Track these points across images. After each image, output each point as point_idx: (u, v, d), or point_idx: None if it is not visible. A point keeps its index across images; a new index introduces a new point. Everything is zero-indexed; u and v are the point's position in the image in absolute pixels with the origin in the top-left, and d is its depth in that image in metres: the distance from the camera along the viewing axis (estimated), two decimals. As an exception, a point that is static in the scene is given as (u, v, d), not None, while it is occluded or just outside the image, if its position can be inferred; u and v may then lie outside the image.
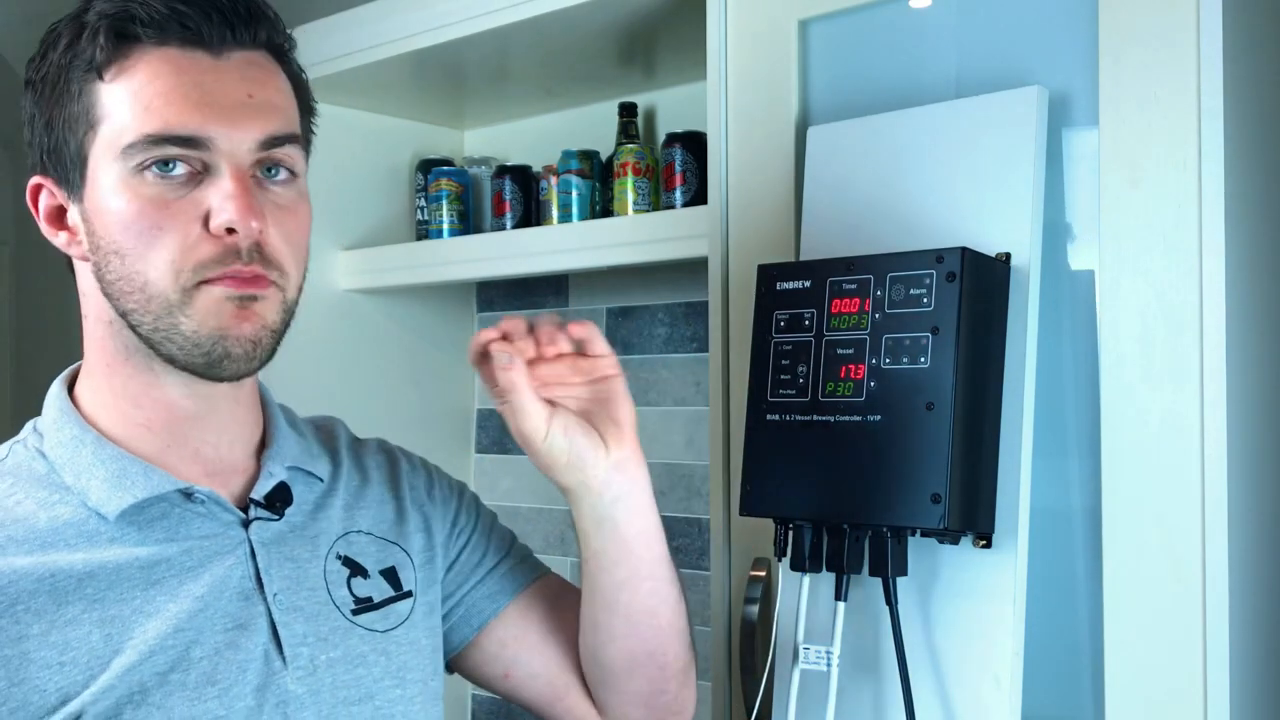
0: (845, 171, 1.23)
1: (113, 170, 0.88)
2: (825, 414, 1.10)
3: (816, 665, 1.13)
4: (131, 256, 0.88)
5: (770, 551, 1.18)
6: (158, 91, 0.87)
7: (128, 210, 0.87)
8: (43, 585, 0.86)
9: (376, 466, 1.10)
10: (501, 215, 2.07)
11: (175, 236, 0.87)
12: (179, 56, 0.88)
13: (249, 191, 0.88)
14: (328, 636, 0.96)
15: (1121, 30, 1.09)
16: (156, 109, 0.87)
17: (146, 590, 0.89)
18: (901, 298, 1.08)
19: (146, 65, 0.88)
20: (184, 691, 0.87)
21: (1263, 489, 1.12)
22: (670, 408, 2.04)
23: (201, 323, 0.88)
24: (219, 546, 0.93)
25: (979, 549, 1.10)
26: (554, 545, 2.24)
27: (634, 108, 1.95)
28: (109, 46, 0.88)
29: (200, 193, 0.88)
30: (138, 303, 0.89)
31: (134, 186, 0.87)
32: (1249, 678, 1.08)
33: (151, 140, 0.87)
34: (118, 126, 0.87)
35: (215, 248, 0.88)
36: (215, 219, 0.87)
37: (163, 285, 0.87)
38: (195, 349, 0.89)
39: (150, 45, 0.88)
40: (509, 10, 1.72)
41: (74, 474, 0.91)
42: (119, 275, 0.89)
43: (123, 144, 0.87)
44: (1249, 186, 1.10)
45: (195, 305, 0.88)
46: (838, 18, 1.31)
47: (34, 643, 0.84)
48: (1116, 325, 1.09)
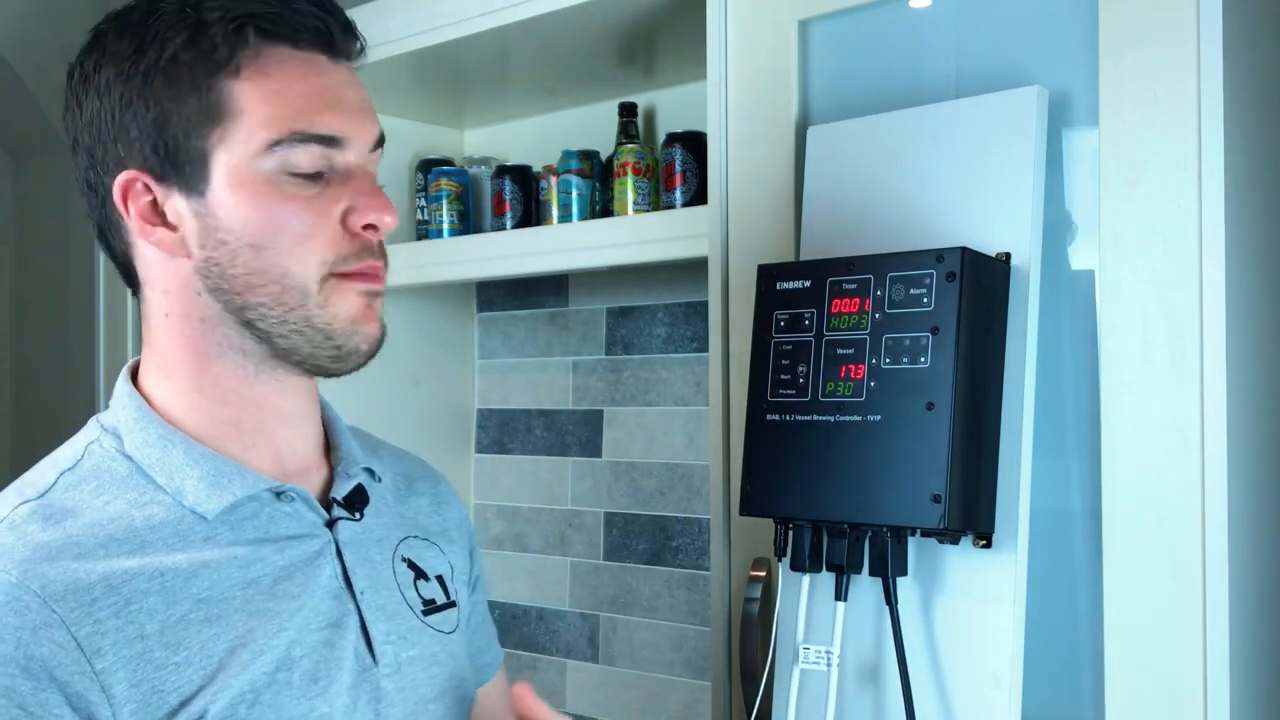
0: (845, 171, 1.23)
1: (251, 166, 0.89)
2: (825, 414, 1.10)
3: (816, 665, 1.13)
4: (272, 250, 0.89)
5: (770, 551, 1.18)
6: (299, 91, 0.89)
7: (269, 205, 0.89)
8: (154, 584, 0.86)
9: (422, 477, 1.12)
10: (501, 215, 2.07)
11: (319, 230, 0.89)
12: (310, 58, 0.91)
13: (381, 190, 0.93)
14: (406, 635, 0.98)
15: (1121, 30, 1.09)
16: (299, 108, 0.89)
17: (245, 589, 0.89)
18: (901, 298, 1.08)
19: (282, 65, 0.89)
20: (290, 690, 0.88)
21: (1263, 489, 1.12)
22: (670, 408, 2.04)
23: (335, 315, 0.90)
24: (309, 546, 0.94)
25: (979, 549, 1.10)
26: (554, 545, 2.24)
27: (634, 108, 1.95)
28: (243, 45, 0.89)
29: (334, 190, 0.90)
30: (271, 295, 0.89)
31: (275, 182, 0.89)
32: (1249, 678, 1.08)
33: (298, 138, 0.89)
34: (258, 123, 0.88)
35: (353, 243, 0.91)
36: (357, 217, 0.90)
37: (304, 277, 0.89)
38: (327, 341, 0.91)
39: (283, 45, 0.90)
40: (509, 10, 1.72)
41: (166, 474, 0.91)
42: (251, 269, 0.89)
43: (267, 140, 0.88)
44: (1249, 186, 1.10)
45: (330, 298, 0.90)
46: (838, 18, 1.31)
47: (151, 642, 0.84)
48: (1116, 325, 1.09)
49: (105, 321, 2.49)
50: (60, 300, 3.25)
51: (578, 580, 2.20)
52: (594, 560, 2.17)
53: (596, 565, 2.16)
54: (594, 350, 2.18)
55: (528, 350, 2.29)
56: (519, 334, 2.31)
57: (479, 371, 2.38)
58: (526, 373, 2.29)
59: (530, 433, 2.27)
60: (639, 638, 2.09)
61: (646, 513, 2.08)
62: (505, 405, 2.32)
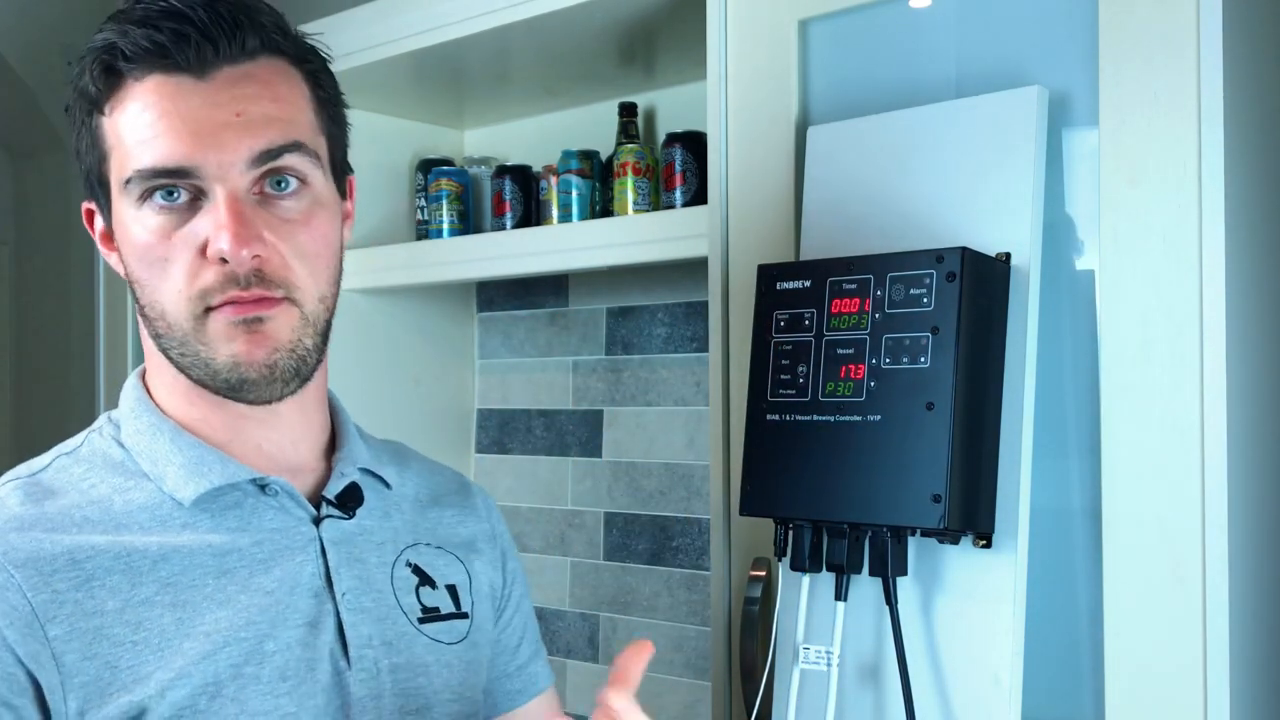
0: (845, 171, 1.23)
1: (122, 202, 0.90)
2: (825, 414, 1.10)
3: (816, 665, 1.13)
4: (149, 287, 0.90)
5: (770, 551, 1.18)
6: (145, 124, 0.87)
7: (139, 242, 0.89)
8: (118, 563, 0.87)
9: (453, 491, 1.11)
10: (501, 215, 2.07)
11: (179, 266, 0.88)
12: (165, 84, 0.88)
13: (240, 218, 0.87)
14: (393, 641, 0.96)
15: (1121, 30, 1.09)
16: (145, 142, 0.87)
17: (219, 579, 0.89)
18: (901, 298, 1.08)
19: (135, 98, 0.88)
20: (258, 685, 0.88)
21: (1263, 489, 1.12)
22: (670, 408, 2.04)
23: (216, 350, 0.89)
24: (291, 541, 0.93)
25: (979, 549, 1.10)
26: (554, 545, 2.24)
27: (634, 108, 1.95)
28: (101, 81, 0.89)
29: (199, 220, 0.88)
30: (163, 329, 0.91)
31: (141, 219, 0.89)
32: (1249, 678, 1.08)
33: (143, 175, 0.87)
34: (119, 161, 0.89)
35: (217, 275, 0.88)
36: (210, 248, 0.87)
37: (177, 315, 0.89)
38: (215, 376, 0.90)
39: (137, 77, 0.88)
40: (509, 10, 1.72)
41: (151, 461, 0.93)
42: (145, 302, 0.91)
43: (121, 180, 0.89)
44: (1249, 186, 1.10)
45: (208, 333, 0.89)
46: (838, 18, 1.31)
47: (109, 619, 0.85)
48: (1116, 325, 1.09)
49: (105, 321, 2.49)
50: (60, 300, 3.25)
51: (578, 580, 2.20)
52: (594, 560, 2.17)
53: (596, 565, 2.16)
54: (594, 350, 2.18)
55: (528, 350, 2.29)
56: (519, 334, 2.31)
57: (479, 371, 2.38)
58: (526, 373, 2.29)
59: (530, 433, 2.27)
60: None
61: (646, 513, 2.08)
62: (505, 405, 2.32)
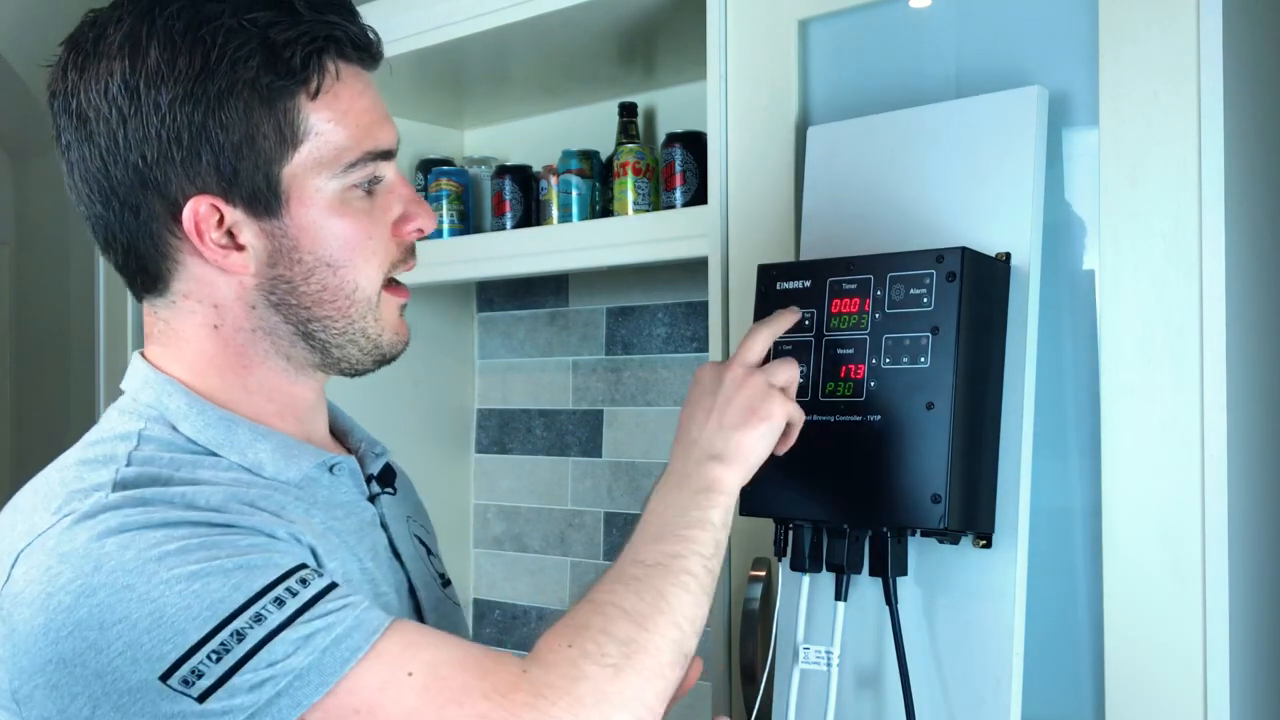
0: (845, 171, 1.23)
1: (327, 187, 0.91)
2: (825, 414, 1.10)
3: (816, 665, 1.13)
4: (348, 268, 0.93)
5: (770, 551, 1.18)
6: (364, 109, 0.92)
7: (347, 223, 0.92)
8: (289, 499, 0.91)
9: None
10: (501, 215, 2.07)
11: (380, 243, 0.94)
12: (360, 74, 0.94)
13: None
14: (437, 606, 1.03)
15: (1121, 30, 1.09)
16: (366, 126, 0.92)
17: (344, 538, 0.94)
18: (901, 298, 1.08)
19: (346, 83, 0.92)
20: None
21: (1263, 489, 1.12)
22: (670, 408, 2.04)
23: (384, 327, 0.96)
24: (364, 517, 0.99)
25: (979, 549, 1.10)
26: (554, 545, 2.24)
27: (634, 107, 1.95)
28: (320, 67, 0.90)
29: (382, 199, 0.94)
30: (339, 309, 0.93)
31: (349, 201, 0.92)
32: (1249, 678, 1.08)
33: (371, 156, 0.92)
34: (332, 145, 0.90)
35: (400, 250, 0.96)
36: (409, 223, 0.95)
37: (370, 291, 0.94)
38: (375, 349, 0.97)
39: (345, 64, 0.92)
40: (509, 10, 1.72)
41: (238, 452, 0.92)
42: (325, 285, 0.92)
43: (343, 162, 0.91)
44: (1249, 186, 1.10)
45: (381, 310, 0.96)
46: (838, 18, 1.31)
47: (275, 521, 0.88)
48: (1116, 325, 1.09)
49: (105, 321, 2.50)
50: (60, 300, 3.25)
51: (578, 580, 2.20)
52: (594, 560, 2.17)
53: (597, 565, 2.16)
54: (594, 350, 2.18)
55: (528, 350, 2.29)
56: (519, 334, 2.31)
57: (479, 371, 2.38)
58: (526, 373, 2.29)
59: (530, 433, 2.27)
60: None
61: (646, 513, 2.08)
62: (505, 405, 2.32)
